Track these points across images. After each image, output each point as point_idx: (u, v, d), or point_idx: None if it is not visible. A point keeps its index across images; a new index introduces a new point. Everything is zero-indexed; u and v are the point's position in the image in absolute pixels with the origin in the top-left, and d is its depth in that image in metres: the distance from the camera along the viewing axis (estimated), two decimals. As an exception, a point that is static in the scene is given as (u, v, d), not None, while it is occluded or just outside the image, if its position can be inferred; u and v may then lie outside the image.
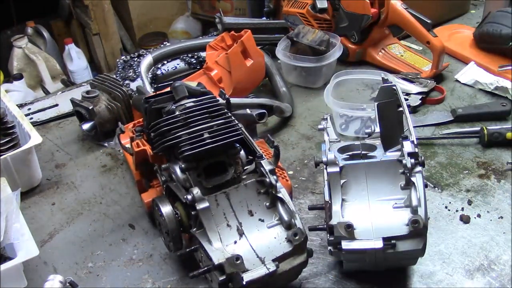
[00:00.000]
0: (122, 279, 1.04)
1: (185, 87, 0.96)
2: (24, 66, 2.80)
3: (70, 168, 1.36)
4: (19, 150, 1.20)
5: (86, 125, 1.40)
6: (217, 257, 0.82)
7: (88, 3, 2.70)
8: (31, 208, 1.24)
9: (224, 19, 1.61)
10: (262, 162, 0.92)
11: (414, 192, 0.90)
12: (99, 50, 2.89)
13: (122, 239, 1.14)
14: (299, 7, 1.73)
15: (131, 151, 1.08)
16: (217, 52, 1.46)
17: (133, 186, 1.26)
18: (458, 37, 1.78)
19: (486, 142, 1.30)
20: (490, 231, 1.08)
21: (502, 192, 1.18)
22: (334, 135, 1.09)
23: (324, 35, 1.56)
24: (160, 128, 0.92)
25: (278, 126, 1.47)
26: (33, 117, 1.55)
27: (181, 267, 1.05)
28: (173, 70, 1.61)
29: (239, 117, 1.14)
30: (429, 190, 1.19)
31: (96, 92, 1.41)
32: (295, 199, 1.19)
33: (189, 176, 0.90)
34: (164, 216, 0.91)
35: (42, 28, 2.93)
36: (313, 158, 1.07)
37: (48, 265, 1.09)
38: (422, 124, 1.41)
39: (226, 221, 0.89)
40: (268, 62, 1.56)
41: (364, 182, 0.96)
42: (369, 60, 1.70)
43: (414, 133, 0.96)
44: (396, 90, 1.08)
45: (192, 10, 3.19)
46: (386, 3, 1.58)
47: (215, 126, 0.92)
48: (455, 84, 1.58)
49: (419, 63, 1.65)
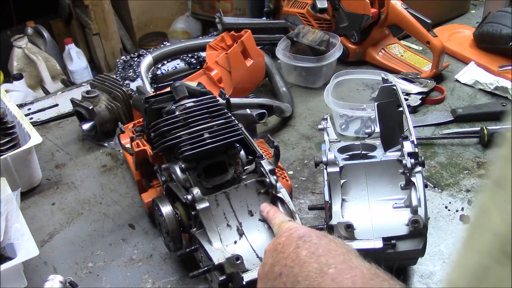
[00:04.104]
0: (122, 279, 1.04)
1: (185, 87, 0.96)
2: (24, 66, 2.80)
3: (70, 168, 1.36)
4: (19, 150, 1.20)
5: (86, 125, 1.40)
6: (217, 257, 0.82)
7: (88, 3, 2.70)
8: (31, 208, 1.24)
9: (224, 19, 1.61)
10: (262, 162, 0.92)
11: (414, 192, 0.90)
12: (99, 50, 2.89)
13: (122, 239, 1.14)
14: (299, 7, 1.73)
15: (131, 151, 1.08)
16: (217, 52, 1.46)
17: (133, 186, 1.26)
18: (458, 37, 1.78)
19: (486, 142, 1.30)
20: (490, 231, 1.08)
21: (502, 192, 1.18)
22: (334, 135, 1.09)
23: (324, 35, 1.56)
24: (160, 128, 0.92)
25: (278, 126, 1.47)
26: (33, 117, 1.55)
27: (181, 267, 1.05)
28: (173, 70, 1.61)
29: (239, 117, 1.14)
30: (429, 190, 1.19)
31: (96, 92, 1.41)
32: (295, 199, 1.19)
33: (189, 176, 0.90)
34: (164, 216, 0.91)
35: (42, 28, 2.93)
36: (313, 158, 1.07)
37: (48, 265, 1.09)
38: (422, 124, 1.41)
39: (226, 221, 0.89)
40: (268, 62, 1.56)
41: (364, 182, 0.96)
42: (369, 60, 1.70)
43: (414, 133, 0.96)
44: (396, 90, 1.08)
45: (192, 10, 3.18)
46: (386, 3, 1.58)
47: (215, 126, 0.92)
48: (455, 84, 1.58)
49: (419, 63, 1.65)
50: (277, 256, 0.71)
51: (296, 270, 0.66)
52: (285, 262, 0.69)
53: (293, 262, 0.68)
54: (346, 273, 0.61)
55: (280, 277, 0.68)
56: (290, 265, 0.68)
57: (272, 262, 0.72)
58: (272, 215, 0.87)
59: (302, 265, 0.66)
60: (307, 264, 0.66)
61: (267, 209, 0.89)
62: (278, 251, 0.72)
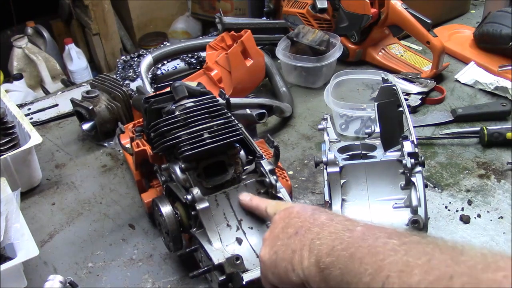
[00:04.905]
0: (122, 279, 1.04)
1: (185, 87, 0.96)
2: (24, 66, 2.80)
3: (70, 168, 1.36)
4: (19, 150, 1.20)
5: (86, 125, 1.40)
6: (217, 257, 0.82)
7: (88, 3, 2.70)
8: (31, 208, 1.24)
9: (224, 19, 1.61)
10: (262, 162, 0.92)
11: (414, 192, 0.90)
12: (99, 50, 2.89)
13: (122, 239, 1.14)
14: (299, 7, 1.73)
15: (131, 151, 1.08)
16: (217, 52, 1.46)
17: (133, 186, 1.26)
18: (458, 37, 1.78)
19: (486, 142, 1.30)
20: (490, 231, 1.08)
21: (502, 192, 1.18)
22: (334, 135, 1.09)
23: (324, 35, 1.56)
24: (160, 128, 0.92)
25: (278, 126, 1.47)
26: (33, 117, 1.55)
27: (181, 267, 1.05)
28: (173, 70, 1.61)
29: (239, 117, 1.14)
30: (429, 190, 1.19)
31: (96, 92, 1.41)
32: (295, 199, 1.19)
33: (189, 176, 0.89)
34: (164, 216, 0.91)
35: (42, 28, 2.93)
36: (313, 158, 1.07)
37: (48, 265, 1.09)
38: (422, 124, 1.41)
39: (226, 221, 0.89)
40: (268, 62, 1.56)
41: (364, 182, 0.96)
42: (369, 60, 1.70)
43: (414, 133, 0.96)
44: (396, 90, 1.08)
45: (192, 10, 3.19)
46: (386, 3, 1.58)
47: (215, 126, 0.92)
48: (455, 84, 1.58)
49: (419, 63, 1.65)
50: (290, 220, 0.68)
51: (316, 229, 0.63)
52: (301, 224, 0.66)
53: (312, 224, 0.64)
54: (375, 229, 0.58)
55: (296, 235, 0.65)
56: (307, 226, 0.65)
57: (284, 225, 0.69)
58: (259, 200, 0.85)
59: (322, 226, 0.63)
60: (327, 225, 0.63)
61: (249, 197, 0.87)
62: (292, 217, 0.69)
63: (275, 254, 0.68)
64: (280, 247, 0.67)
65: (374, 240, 0.56)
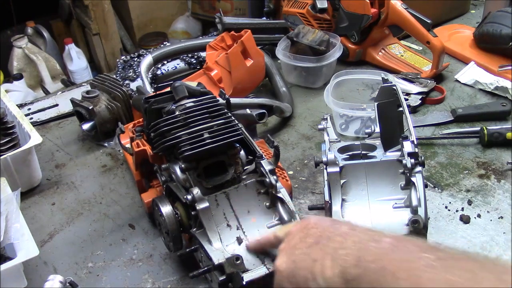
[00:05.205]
0: (122, 279, 1.04)
1: (185, 87, 0.96)
2: (24, 66, 2.80)
3: (70, 168, 1.36)
4: (19, 150, 1.20)
5: (86, 125, 1.40)
6: (217, 257, 0.82)
7: (88, 3, 2.70)
8: (31, 208, 1.24)
9: (224, 19, 1.61)
10: (262, 162, 0.92)
11: (414, 192, 0.90)
12: (99, 50, 2.89)
13: (122, 239, 1.14)
14: (299, 7, 1.73)
15: (131, 151, 1.08)
16: (217, 52, 1.46)
17: (133, 186, 1.26)
18: (458, 37, 1.78)
19: (486, 142, 1.30)
20: (490, 231, 1.08)
21: (502, 192, 1.18)
22: (334, 135, 1.09)
23: (324, 35, 1.56)
24: (160, 128, 0.92)
25: (278, 126, 1.47)
26: (33, 117, 1.55)
27: (181, 267, 1.05)
28: (173, 70, 1.61)
29: (239, 117, 1.14)
30: (429, 190, 1.19)
31: (96, 92, 1.41)
32: (295, 199, 1.19)
33: (189, 176, 0.89)
34: (164, 216, 0.91)
35: (42, 28, 2.93)
36: (313, 158, 1.07)
37: (48, 265, 1.09)
38: (422, 124, 1.41)
39: (226, 221, 0.89)
40: (268, 62, 1.56)
41: (364, 182, 0.96)
42: (369, 60, 1.70)
43: (414, 133, 0.96)
44: (396, 90, 1.08)
45: (192, 10, 3.19)
46: (386, 3, 1.58)
47: (215, 126, 0.92)
48: (455, 84, 1.58)
49: (419, 63, 1.65)
50: (309, 231, 0.67)
51: (338, 239, 0.61)
52: (320, 234, 0.64)
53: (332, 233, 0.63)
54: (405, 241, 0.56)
55: (317, 245, 0.63)
56: (327, 235, 0.63)
57: (303, 236, 0.67)
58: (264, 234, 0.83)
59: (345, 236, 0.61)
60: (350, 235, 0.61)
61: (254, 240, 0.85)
62: (309, 227, 0.67)
63: (293, 263, 0.66)
64: (299, 256, 0.66)
65: (405, 254, 0.54)
